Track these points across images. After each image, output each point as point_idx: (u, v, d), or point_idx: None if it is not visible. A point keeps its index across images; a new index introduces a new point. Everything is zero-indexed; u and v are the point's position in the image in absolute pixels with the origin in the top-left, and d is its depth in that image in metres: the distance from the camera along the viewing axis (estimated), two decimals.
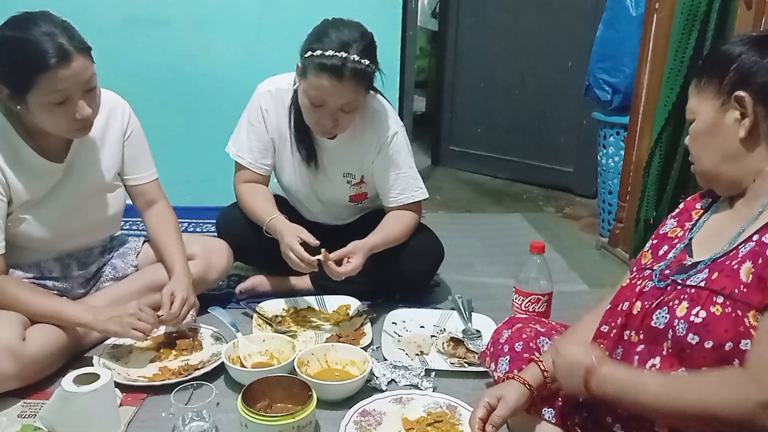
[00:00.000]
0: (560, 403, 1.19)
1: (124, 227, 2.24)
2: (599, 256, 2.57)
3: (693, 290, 1.01)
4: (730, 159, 1.05)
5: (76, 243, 1.66)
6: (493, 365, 1.38)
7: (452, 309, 1.89)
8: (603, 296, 1.27)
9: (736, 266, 0.97)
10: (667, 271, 1.10)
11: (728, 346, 0.94)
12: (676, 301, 1.02)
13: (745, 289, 0.95)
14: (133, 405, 1.41)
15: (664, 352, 1.02)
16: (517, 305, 1.70)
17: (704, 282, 1.00)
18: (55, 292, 1.61)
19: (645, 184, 2.24)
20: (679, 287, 1.04)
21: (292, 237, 1.66)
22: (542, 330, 1.37)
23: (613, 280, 1.26)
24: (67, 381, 1.27)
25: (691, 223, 1.16)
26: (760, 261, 0.94)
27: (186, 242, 1.75)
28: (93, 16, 2.65)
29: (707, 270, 1.02)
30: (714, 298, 0.97)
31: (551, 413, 1.19)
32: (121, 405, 1.39)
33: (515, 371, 1.21)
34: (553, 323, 1.44)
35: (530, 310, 1.67)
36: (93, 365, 1.47)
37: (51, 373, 1.48)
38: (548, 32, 3.44)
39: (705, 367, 0.97)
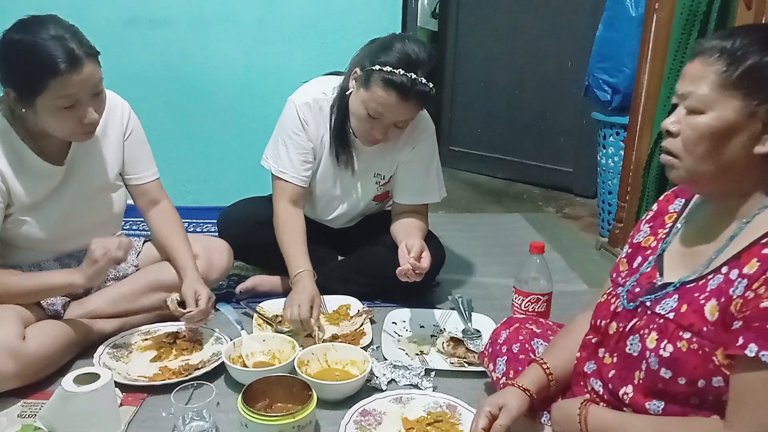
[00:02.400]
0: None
1: (125, 227, 2.24)
2: (599, 256, 2.57)
3: (661, 320, 0.98)
4: (731, 170, 0.95)
5: (78, 243, 1.66)
6: (491, 366, 1.39)
7: (452, 309, 1.89)
8: (591, 300, 1.27)
9: (702, 301, 0.94)
10: (637, 290, 1.07)
11: (701, 383, 0.93)
12: (646, 330, 1.01)
13: (712, 328, 0.92)
14: (133, 405, 1.41)
15: (636, 381, 1.02)
16: (516, 305, 1.70)
17: (673, 313, 0.97)
18: None
19: (645, 184, 2.24)
20: (648, 313, 1.02)
21: (307, 300, 1.64)
22: (538, 331, 1.37)
23: None
24: (67, 381, 1.27)
25: (665, 230, 1.11)
26: (723, 300, 0.91)
27: None
28: (93, 16, 2.65)
29: (676, 296, 0.99)
30: (681, 333, 0.95)
31: (548, 416, 1.19)
32: (121, 405, 1.39)
33: (515, 380, 1.19)
34: (550, 323, 1.44)
35: (530, 310, 1.67)
36: (93, 365, 1.47)
37: (51, 373, 1.48)
38: (548, 32, 3.44)
39: (681, 400, 0.97)
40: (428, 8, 4.06)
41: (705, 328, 0.93)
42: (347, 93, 1.72)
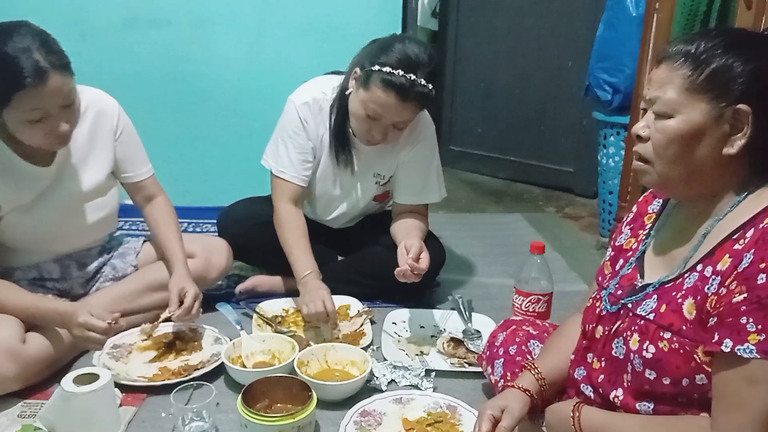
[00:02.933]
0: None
1: (124, 227, 2.24)
2: (599, 256, 2.55)
3: (642, 321, 0.99)
4: (702, 172, 0.96)
5: (73, 244, 1.66)
6: (489, 368, 1.39)
7: (452, 309, 1.89)
8: (582, 300, 1.27)
9: (680, 300, 0.95)
10: (619, 292, 1.07)
11: (685, 382, 0.94)
12: (629, 333, 1.01)
13: (690, 326, 0.93)
14: (133, 405, 1.42)
15: (625, 384, 1.03)
16: (517, 305, 1.70)
17: (653, 314, 0.98)
18: (55, 292, 1.62)
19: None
20: (630, 315, 1.02)
21: (327, 294, 1.67)
22: (534, 333, 1.38)
23: None
24: (67, 381, 1.27)
25: (645, 232, 1.12)
26: (699, 298, 0.92)
27: (186, 241, 1.75)
28: (93, 16, 2.65)
29: (656, 297, 1.00)
30: (661, 333, 0.96)
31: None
32: (121, 405, 1.39)
33: (514, 382, 1.19)
34: (547, 325, 1.45)
35: (530, 310, 1.67)
36: (93, 365, 1.47)
37: (51, 373, 1.48)
38: (548, 32, 3.44)
39: (668, 399, 0.97)
40: (428, 8, 4.05)
41: (684, 327, 0.93)
42: (347, 93, 1.72)
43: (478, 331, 1.76)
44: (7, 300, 1.45)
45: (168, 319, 1.60)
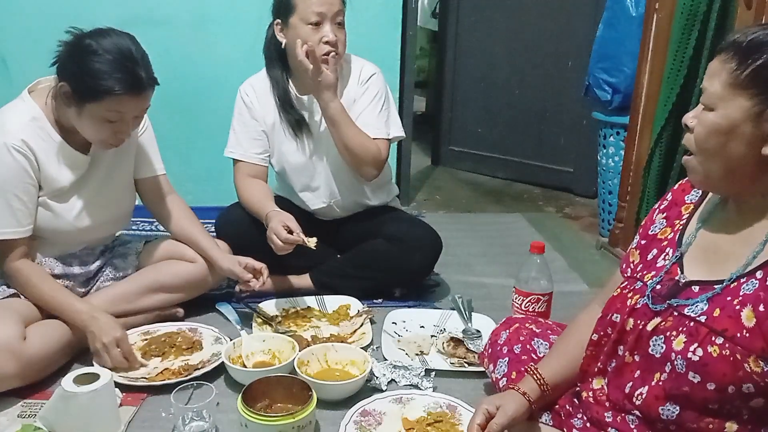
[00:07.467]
0: (557, 406, 1.18)
1: (124, 227, 2.22)
2: (599, 256, 2.57)
3: (692, 323, 0.95)
4: (740, 170, 0.93)
5: (95, 234, 1.69)
6: (491, 366, 1.38)
7: (452, 309, 1.89)
8: (593, 297, 1.27)
9: (738, 306, 0.91)
10: (658, 286, 1.04)
11: (731, 389, 0.91)
12: (674, 333, 0.97)
13: (747, 334, 0.89)
14: (133, 405, 1.42)
15: (654, 382, 1.00)
16: (517, 305, 1.70)
17: (704, 317, 0.94)
18: None
19: (645, 184, 2.24)
20: (675, 314, 0.98)
21: (277, 223, 1.72)
22: (537, 331, 1.37)
23: None
24: (67, 381, 1.27)
25: (681, 222, 1.08)
26: (762, 308, 0.89)
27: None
28: (93, 16, 2.61)
29: (705, 298, 0.96)
30: (713, 338, 0.92)
31: (548, 415, 1.19)
32: (121, 405, 1.39)
33: (516, 383, 1.19)
34: (550, 323, 1.44)
35: (530, 309, 1.67)
36: (93, 365, 1.47)
37: (51, 373, 1.48)
38: (548, 32, 3.44)
39: (700, 406, 0.95)
40: (428, 8, 4.06)
41: (739, 334, 0.90)
42: (282, 47, 1.80)
43: (478, 331, 1.76)
44: (45, 287, 1.52)
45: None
